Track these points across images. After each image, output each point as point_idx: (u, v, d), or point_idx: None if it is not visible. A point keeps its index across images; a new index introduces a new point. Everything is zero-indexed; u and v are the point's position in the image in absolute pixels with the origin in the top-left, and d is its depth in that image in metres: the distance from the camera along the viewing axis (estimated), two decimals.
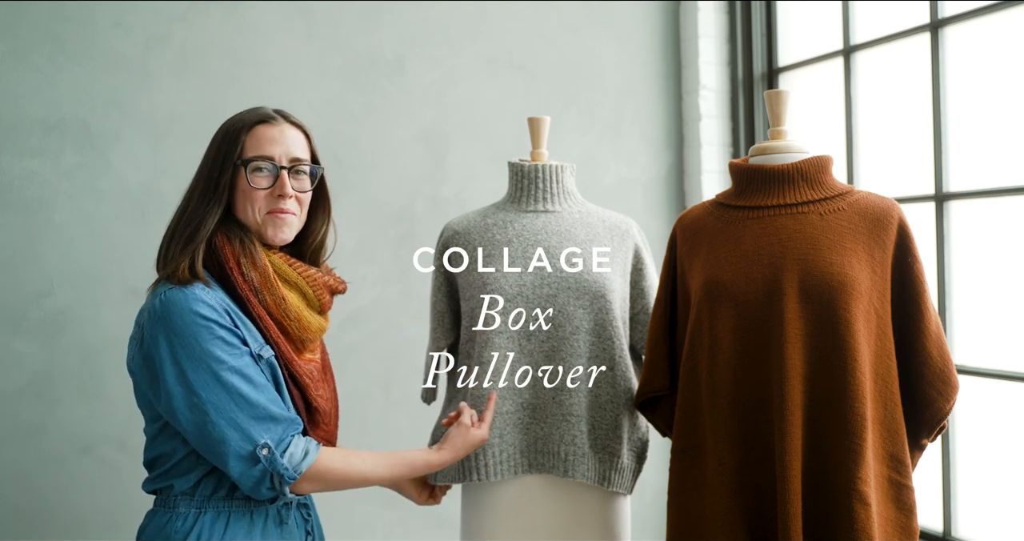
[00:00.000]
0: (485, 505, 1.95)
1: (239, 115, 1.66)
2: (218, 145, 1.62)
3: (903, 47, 2.67)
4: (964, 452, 2.48)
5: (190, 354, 1.47)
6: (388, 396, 2.97)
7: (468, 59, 3.06)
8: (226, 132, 1.63)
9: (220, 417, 1.46)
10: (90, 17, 2.70)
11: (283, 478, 1.49)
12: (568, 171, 2.02)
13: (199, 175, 1.62)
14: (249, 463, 1.48)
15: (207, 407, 1.46)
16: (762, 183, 1.75)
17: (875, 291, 1.66)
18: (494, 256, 1.95)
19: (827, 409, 1.64)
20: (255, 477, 1.48)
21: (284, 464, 1.49)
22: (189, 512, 1.54)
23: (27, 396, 2.63)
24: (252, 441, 1.47)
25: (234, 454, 1.47)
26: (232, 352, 1.49)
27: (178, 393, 1.47)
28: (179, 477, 1.55)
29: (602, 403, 1.93)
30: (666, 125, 3.28)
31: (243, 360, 1.50)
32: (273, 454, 1.48)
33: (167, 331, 1.48)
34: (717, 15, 3.20)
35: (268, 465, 1.48)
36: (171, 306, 1.48)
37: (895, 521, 1.67)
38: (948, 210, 2.50)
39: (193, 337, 1.47)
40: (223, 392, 1.47)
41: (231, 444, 1.46)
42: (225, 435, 1.46)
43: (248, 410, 1.48)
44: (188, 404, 1.47)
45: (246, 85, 2.84)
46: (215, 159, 1.61)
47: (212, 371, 1.47)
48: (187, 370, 1.47)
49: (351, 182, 2.95)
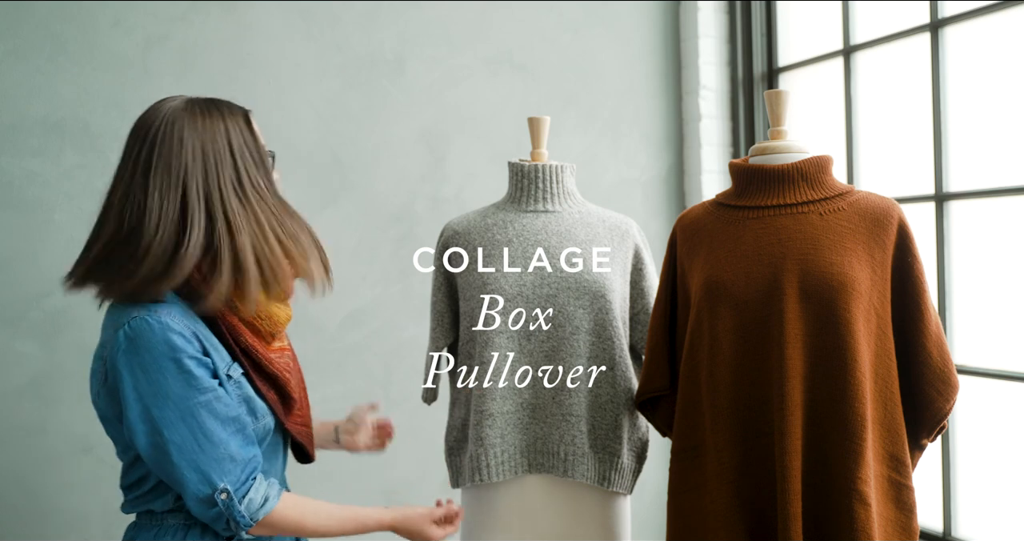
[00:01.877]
0: (485, 505, 1.95)
1: (219, 107, 1.53)
2: (223, 134, 1.50)
3: (903, 47, 2.67)
4: (964, 452, 2.48)
5: (156, 391, 1.41)
6: (388, 396, 2.97)
7: (468, 59, 3.06)
8: (231, 122, 1.52)
9: (181, 458, 1.42)
10: (90, 17, 2.70)
11: (240, 524, 1.46)
12: (568, 171, 2.02)
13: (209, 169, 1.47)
14: (206, 506, 1.44)
15: (169, 447, 1.41)
16: (762, 183, 1.75)
17: (875, 291, 1.66)
18: (494, 256, 1.95)
19: (827, 409, 1.64)
20: (210, 517, 1.45)
21: (241, 511, 1.45)
22: (178, 525, 1.51)
23: (27, 396, 2.63)
24: (212, 485, 1.43)
25: (191, 495, 1.43)
26: (199, 386, 1.43)
27: (141, 430, 1.42)
28: (158, 499, 1.51)
29: (602, 403, 1.93)
30: (666, 125, 3.28)
31: (209, 395, 1.44)
32: (231, 499, 1.44)
33: (132, 366, 1.41)
34: (717, 15, 3.20)
35: (225, 510, 1.44)
36: (138, 339, 1.41)
37: (895, 521, 1.67)
38: (948, 210, 2.50)
39: (160, 372, 1.40)
40: (187, 431, 1.42)
41: (189, 486, 1.42)
42: (184, 477, 1.42)
43: (211, 451, 1.43)
44: (151, 442, 1.42)
45: (246, 85, 2.84)
46: (246, 150, 1.50)
47: (177, 409, 1.41)
48: (151, 407, 1.41)
49: (351, 182, 2.95)
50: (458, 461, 2.00)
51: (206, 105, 1.52)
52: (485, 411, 1.90)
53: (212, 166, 1.47)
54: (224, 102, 1.55)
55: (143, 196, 1.43)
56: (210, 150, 1.47)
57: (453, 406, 2.02)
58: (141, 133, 1.49)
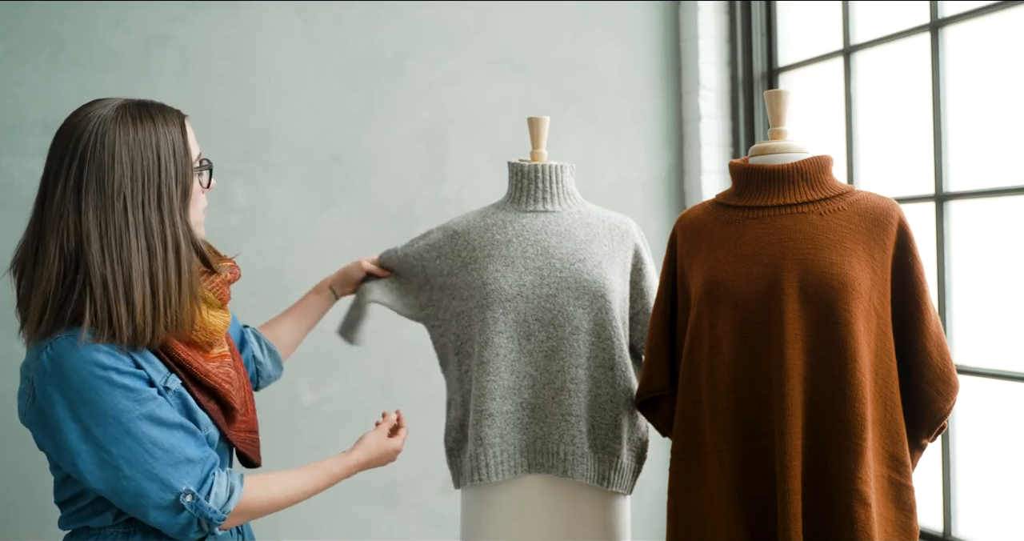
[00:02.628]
0: (485, 505, 1.95)
1: (163, 118, 1.46)
2: (165, 151, 1.43)
3: (903, 47, 2.67)
4: (964, 452, 2.48)
5: (93, 411, 1.35)
6: (388, 396, 2.97)
7: (468, 59, 3.06)
8: (171, 139, 1.45)
9: (135, 471, 1.36)
10: (90, 17, 2.70)
11: (211, 521, 1.42)
12: (568, 171, 2.02)
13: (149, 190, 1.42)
14: (172, 512, 1.39)
15: (119, 462, 1.35)
16: (762, 183, 1.75)
17: (875, 291, 1.66)
18: (493, 256, 1.95)
19: (827, 409, 1.64)
20: (181, 524, 1.40)
21: (210, 507, 1.41)
22: (118, 533, 1.45)
23: None
24: (173, 490, 1.38)
25: (154, 506, 1.38)
26: (138, 398, 1.37)
27: (84, 451, 1.35)
28: (96, 515, 1.45)
29: (602, 403, 1.93)
30: (666, 125, 3.28)
31: (151, 404, 1.39)
32: (197, 499, 1.40)
33: (63, 389, 1.35)
34: (717, 15, 3.20)
35: (194, 511, 1.40)
36: (63, 361, 1.34)
37: (895, 521, 1.67)
38: (948, 210, 2.50)
39: (93, 391, 1.34)
40: (135, 444, 1.36)
41: (150, 496, 1.37)
42: (142, 488, 1.36)
43: (164, 458, 1.38)
44: (98, 462, 1.36)
45: (246, 85, 2.84)
46: (174, 175, 1.44)
47: (120, 424, 1.35)
48: (91, 427, 1.35)
49: (351, 182, 2.95)
50: (459, 462, 2.00)
51: (138, 112, 1.45)
52: (484, 411, 1.90)
53: (139, 183, 1.41)
54: (158, 107, 1.48)
55: (77, 216, 1.38)
56: (139, 167, 1.41)
57: (449, 407, 2.02)
58: (70, 144, 1.41)
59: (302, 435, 2.91)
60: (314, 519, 2.93)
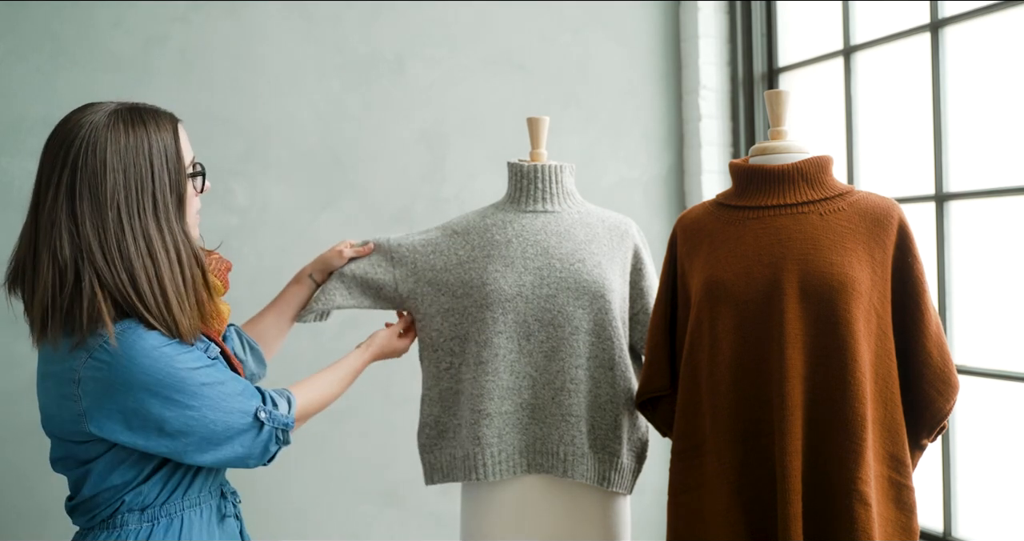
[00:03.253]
0: (485, 505, 1.95)
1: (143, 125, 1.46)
2: (156, 156, 1.45)
3: (903, 47, 2.67)
4: (964, 452, 2.48)
5: (166, 381, 1.43)
6: (388, 396, 2.97)
7: (468, 59, 3.06)
8: (163, 145, 1.47)
9: (218, 412, 1.47)
10: (90, 17, 2.70)
11: (286, 427, 1.56)
12: (568, 171, 2.02)
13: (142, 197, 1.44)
14: (255, 432, 1.52)
15: (204, 412, 1.46)
16: (762, 183, 1.75)
17: (875, 291, 1.66)
18: (493, 256, 1.95)
19: (827, 409, 1.64)
20: (264, 441, 1.53)
21: (281, 414, 1.56)
22: (140, 528, 1.50)
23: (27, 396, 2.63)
24: (249, 412, 1.51)
25: (240, 433, 1.50)
26: (192, 355, 1.47)
27: (171, 417, 1.44)
28: (132, 494, 1.50)
29: (602, 403, 1.93)
30: (666, 125, 3.28)
31: (201, 356, 1.50)
32: (269, 411, 1.54)
33: (133, 375, 1.41)
34: (717, 15, 3.20)
35: (272, 422, 1.54)
36: (126, 351, 1.41)
37: (895, 521, 1.67)
38: (948, 210, 2.50)
39: (159, 365, 1.42)
40: (209, 390, 1.47)
41: (236, 426, 1.49)
42: (229, 422, 1.48)
43: (232, 391, 1.50)
44: (185, 419, 1.45)
45: (246, 85, 2.84)
46: (168, 179, 1.46)
47: (191, 380, 1.45)
48: (171, 395, 1.43)
49: (351, 182, 2.95)
50: (432, 458, 1.99)
51: (131, 117, 1.45)
52: (483, 411, 1.90)
53: (132, 192, 1.43)
54: (151, 112, 1.49)
55: (74, 225, 1.40)
56: (131, 175, 1.43)
57: (423, 403, 2.01)
58: (61, 151, 1.42)
59: (302, 435, 2.91)
60: (314, 519, 2.93)
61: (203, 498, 1.57)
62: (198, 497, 1.56)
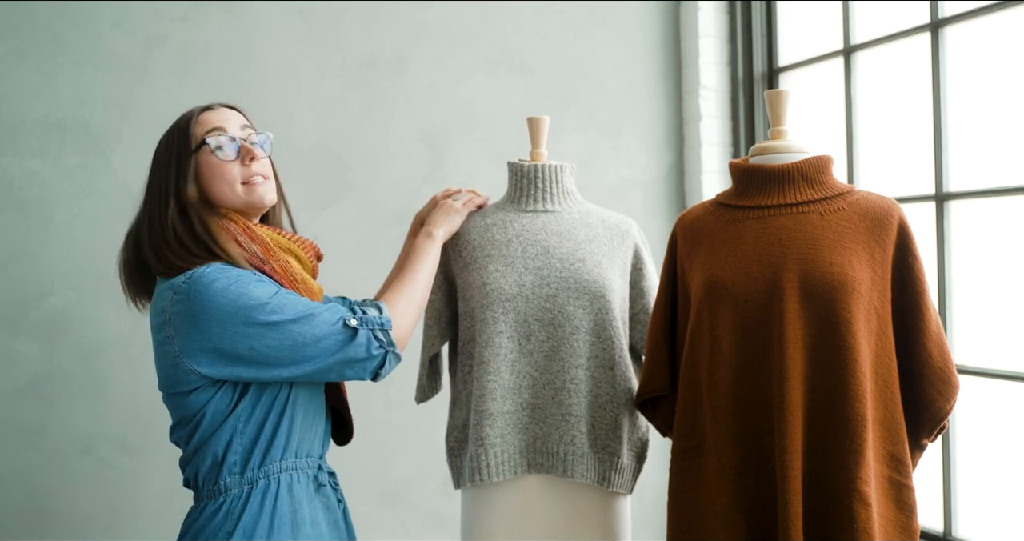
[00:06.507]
0: (485, 505, 1.95)
1: (175, 122, 1.70)
2: (166, 146, 1.66)
3: (903, 47, 2.67)
4: (964, 452, 2.48)
5: (240, 301, 1.54)
6: (388, 396, 2.97)
7: (468, 59, 3.06)
8: (172, 133, 1.67)
9: (304, 325, 1.56)
10: (90, 17, 2.70)
11: (382, 326, 1.62)
12: (568, 171, 2.02)
13: (161, 178, 1.65)
14: (348, 336, 1.58)
15: (291, 326, 1.55)
16: (762, 183, 1.75)
17: (875, 291, 1.66)
18: (493, 256, 1.95)
19: (827, 409, 1.64)
20: (362, 344, 1.59)
21: (373, 317, 1.62)
22: (241, 491, 1.60)
23: (27, 396, 2.63)
24: (341, 319, 1.59)
25: (334, 337, 1.57)
26: (269, 282, 1.60)
27: (256, 334, 1.54)
28: (233, 454, 1.60)
29: (602, 403, 1.93)
30: (666, 125, 3.28)
31: (278, 286, 1.61)
32: (361, 317, 1.61)
33: (211, 305, 1.53)
34: (717, 15, 3.20)
35: (365, 325, 1.60)
36: (200, 282, 1.54)
37: (895, 521, 1.67)
38: (948, 210, 2.50)
39: (238, 290, 1.54)
40: (295, 307, 1.57)
41: (326, 328, 1.57)
42: (317, 331, 1.56)
43: (316, 306, 1.59)
44: (276, 336, 1.54)
45: (246, 85, 2.84)
46: (174, 157, 1.64)
47: (273, 300, 1.55)
48: (252, 315, 1.54)
49: (351, 182, 2.95)
50: (459, 461, 2.00)
51: (179, 118, 1.68)
52: (485, 411, 1.90)
53: (158, 168, 1.66)
54: (194, 108, 1.69)
55: (147, 198, 1.68)
56: (160, 154, 1.67)
57: (454, 406, 2.02)
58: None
59: None
60: None
61: (299, 464, 1.64)
62: (294, 462, 1.63)
